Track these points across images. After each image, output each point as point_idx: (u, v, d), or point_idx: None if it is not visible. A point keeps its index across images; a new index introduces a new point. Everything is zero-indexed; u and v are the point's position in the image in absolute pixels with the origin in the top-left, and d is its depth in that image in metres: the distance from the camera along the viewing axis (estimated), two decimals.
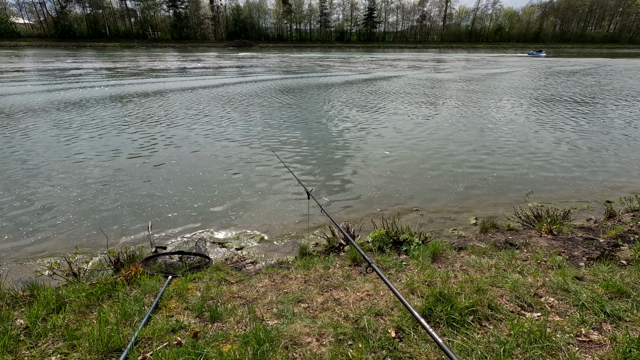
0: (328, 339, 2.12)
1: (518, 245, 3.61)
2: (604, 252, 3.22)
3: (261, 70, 28.44)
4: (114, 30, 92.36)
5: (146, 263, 3.47)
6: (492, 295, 2.48)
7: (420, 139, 8.96)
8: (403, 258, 3.36)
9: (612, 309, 2.24)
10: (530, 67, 34.17)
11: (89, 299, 2.57)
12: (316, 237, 4.39)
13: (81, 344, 2.05)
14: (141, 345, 2.08)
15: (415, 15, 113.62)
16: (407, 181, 6.27)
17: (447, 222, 4.89)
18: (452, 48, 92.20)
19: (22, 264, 3.86)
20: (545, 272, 2.86)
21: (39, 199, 5.37)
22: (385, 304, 2.48)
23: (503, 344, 1.96)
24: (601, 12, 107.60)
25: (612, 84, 20.72)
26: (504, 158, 7.54)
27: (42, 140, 8.43)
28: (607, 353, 1.91)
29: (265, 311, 2.48)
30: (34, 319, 2.28)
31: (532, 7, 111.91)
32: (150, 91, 16.38)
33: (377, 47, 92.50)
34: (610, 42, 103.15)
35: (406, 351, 1.99)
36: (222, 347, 2.05)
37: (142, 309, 2.46)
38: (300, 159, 7.39)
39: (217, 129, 9.73)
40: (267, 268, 3.41)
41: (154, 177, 6.27)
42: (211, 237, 4.48)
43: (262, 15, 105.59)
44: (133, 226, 4.70)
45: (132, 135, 8.97)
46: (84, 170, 6.60)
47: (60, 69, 26.78)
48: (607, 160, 7.47)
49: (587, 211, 5.18)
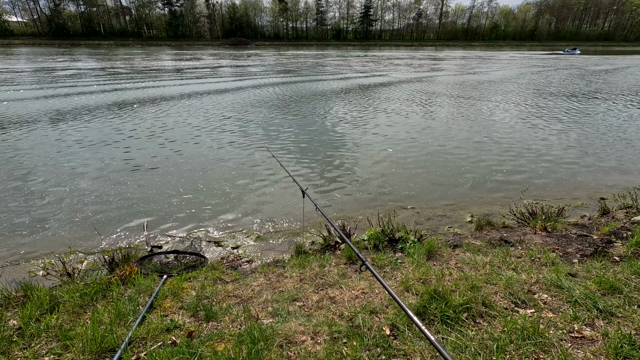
0: (323, 337, 2.13)
1: (513, 243, 3.63)
2: (597, 249, 3.25)
3: (257, 70, 28.34)
4: (109, 29, 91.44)
5: (141, 263, 3.45)
6: (486, 292, 2.50)
7: (416, 137, 8.97)
8: (398, 256, 3.37)
9: (604, 305, 2.27)
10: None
11: (83, 299, 2.56)
12: (312, 236, 4.39)
13: (75, 345, 2.04)
14: (135, 345, 2.08)
15: (412, 13, 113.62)
16: (403, 179, 6.28)
17: (443, 220, 4.91)
18: (448, 46, 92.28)
19: (16, 264, 3.83)
20: (539, 269, 2.88)
21: (33, 199, 5.33)
22: (380, 302, 2.49)
23: (496, 340, 1.98)
24: (596, 10, 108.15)
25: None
26: (499, 156, 7.57)
27: (35, 140, 8.36)
28: (599, 349, 1.93)
29: (260, 310, 2.48)
30: (27, 320, 2.27)
31: (527, 5, 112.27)
32: (145, 92, 16.28)
33: (374, 45, 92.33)
34: (605, 39, 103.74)
35: (400, 349, 1.99)
36: (216, 346, 2.05)
37: (137, 309, 2.45)
38: (295, 158, 7.38)
39: (213, 128, 9.69)
40: (263, 267, 3.41)
41: (149, 177, 6.24)
42: (207, 236, 4.47)
43: (258, 13, 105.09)
44: (128, 226, 4.67)
45: (127, 134, 8.90)
46: (78, 170, 6.55)
47: (52, 68, 26.54)
48: (601, 158, 7.52)
49: (581, 208, 5.21)
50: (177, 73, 24.04)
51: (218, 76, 22.42)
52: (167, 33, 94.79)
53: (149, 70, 25.71)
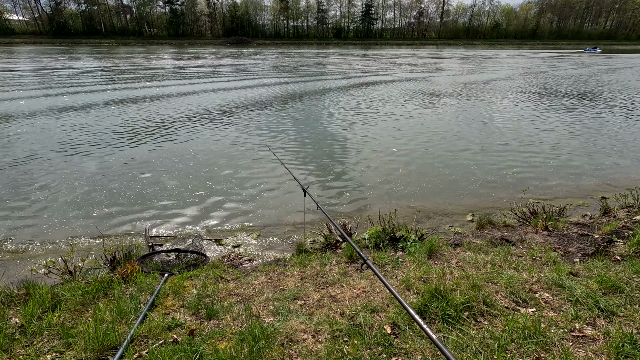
0: (324, 336, 2.13)
1: (514, 242, 3.63)
2: (599, 248, 3.24)
3: (260, 69, 28.31)
4: (110, 27, 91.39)
5: (142, 261, 3.46)
6: (487, 291, 2.50)
7: (418, 137, 8.96)
8: (399, 255, 3.37)
9: (605, 304, 2.26)
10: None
11: (84, 297, 2.57)
12: (313, 234, 4.39)
13: (77, 342, 2.04)
14: (137, 343, 2.08)
15: (413, 12, 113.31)
16: (404, 178, 6.27)
17: (444, 219, 4.90)
18: (449, 45, 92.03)
19: (18, 262, 3.84)
20: (540, 268, 2.88)
21: (33, 198, 5.34)
22: (381, 301, 2.49)
23: (498, 339, 1.98)
24: (598, 8, 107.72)
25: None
26: (500, 155, 7.56)
27: (36, 138, 8.37)
28: (600, 348, 1.93)
29: (261, 308, 2.48)
30: (29, 318, 2.27)
31: (529, 4, 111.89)
32: (145, 91, 16.28)
33: (375, 44, 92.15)
34: (606, 38, 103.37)
35: (402, 347, 2.00)
36: (218, 345, 2.06)
37: (138, 307, 2.45)
38: (297, 157, 7.38)
39: (214, 126, 9.69)
40: (264, 265, 3.41)
41: (150, 176, 6.25)
42: (208, 234, 4.48)
43: (259, 12, 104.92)
44: (130, 224, 4.68)
45: (128, 132, 8.91)
46: (80, 168, 6.56)
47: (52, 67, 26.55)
48: (603, 157, 7.50)
49: (583, 207, 5.21)
50: (178, 72, 24.03)
51: (219, 75, 22.40)
52: (168, 32, 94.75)
53: (150, 69, 25.70)
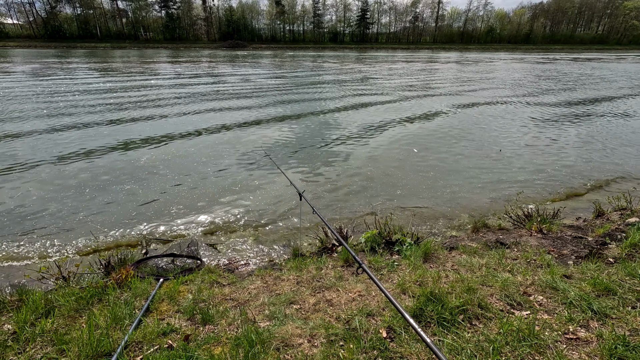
0: (320, 340, 2.13)
1: (508, 245, 3.65)
2: (592, 251, 3.27)
3: (255, 71, 28.35)
4: (105, 31, 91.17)
5: (137, 266, 3.44)
6: (482, 294, 2.51)
7: (412, 141, 9.02)
8: (395, 258, 3.38)
9: (599, 307, 2.28)
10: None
11: (78, 303, 2.54)
12: (309, 238, 4.39)
13: (70, 349, 2.03)
14: (131, 349, 2.07)
15: (408, 17, 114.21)
16: (399, 182, 6.30)
17: (440, 222, 4.93)
18: (444, 49, 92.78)
19: (11, 268, 3.80)
20: (534, 271, 2.90)
21: (27, 202, 5.30)
22: (377, 305, 2.49)
23: (492, 342, 1.99)
24: (590, 13, 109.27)
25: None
26: (496, 158, 7.62)
27: (29, 142, 8.31)
28: (593, 350, 1.95)
29: (257, 313, 2.48)
30: (22, 324, 2.25)
31: (522, 9, 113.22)
32: (141, 92, 16.22)
33: (370, 48, 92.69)
34: (598, 43, 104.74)
35: (397, 351, 2.00)
36: (213, 350, 2.05)
37: (133, 313, 2.44)
38: (293, 161, 7.39)
39: (210, 132, 9.68)
40: (260, 270, 3.41)
41: (146, 181, 6.22)
42: (203, 239, 4.46)
43: (255, 16, 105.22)
44: (124, 229, 4.65)
45: (122, 135, 8.88)
46: (74, 171, 6.52)
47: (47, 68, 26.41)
48: (598, 160, 7.59)
49: (577, 210, 5.26)
50: (174, 76, 24.00)
51: (214, 77, 22.40)
52: (164, 36, 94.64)
53: (146, 73, 25.64)
